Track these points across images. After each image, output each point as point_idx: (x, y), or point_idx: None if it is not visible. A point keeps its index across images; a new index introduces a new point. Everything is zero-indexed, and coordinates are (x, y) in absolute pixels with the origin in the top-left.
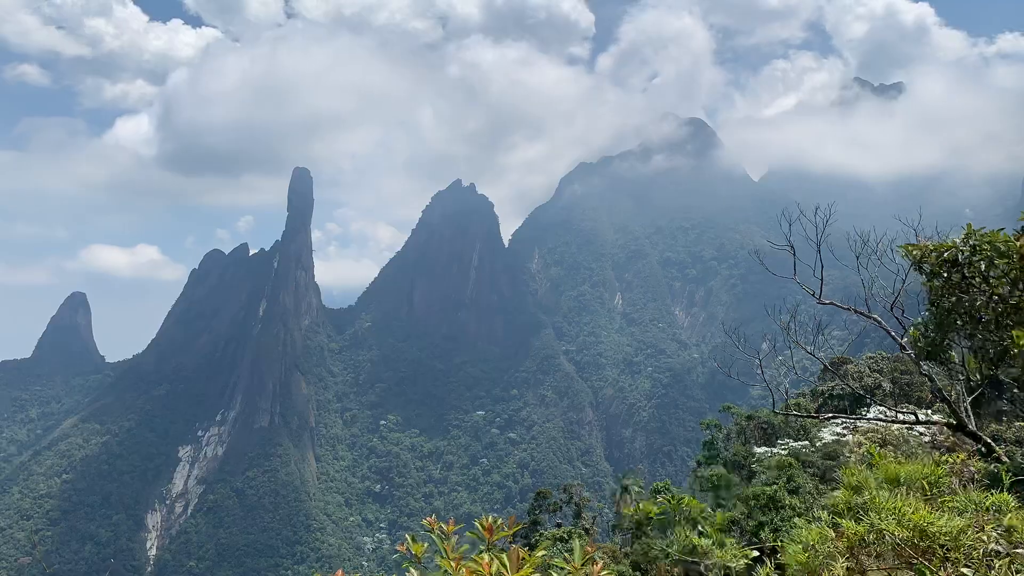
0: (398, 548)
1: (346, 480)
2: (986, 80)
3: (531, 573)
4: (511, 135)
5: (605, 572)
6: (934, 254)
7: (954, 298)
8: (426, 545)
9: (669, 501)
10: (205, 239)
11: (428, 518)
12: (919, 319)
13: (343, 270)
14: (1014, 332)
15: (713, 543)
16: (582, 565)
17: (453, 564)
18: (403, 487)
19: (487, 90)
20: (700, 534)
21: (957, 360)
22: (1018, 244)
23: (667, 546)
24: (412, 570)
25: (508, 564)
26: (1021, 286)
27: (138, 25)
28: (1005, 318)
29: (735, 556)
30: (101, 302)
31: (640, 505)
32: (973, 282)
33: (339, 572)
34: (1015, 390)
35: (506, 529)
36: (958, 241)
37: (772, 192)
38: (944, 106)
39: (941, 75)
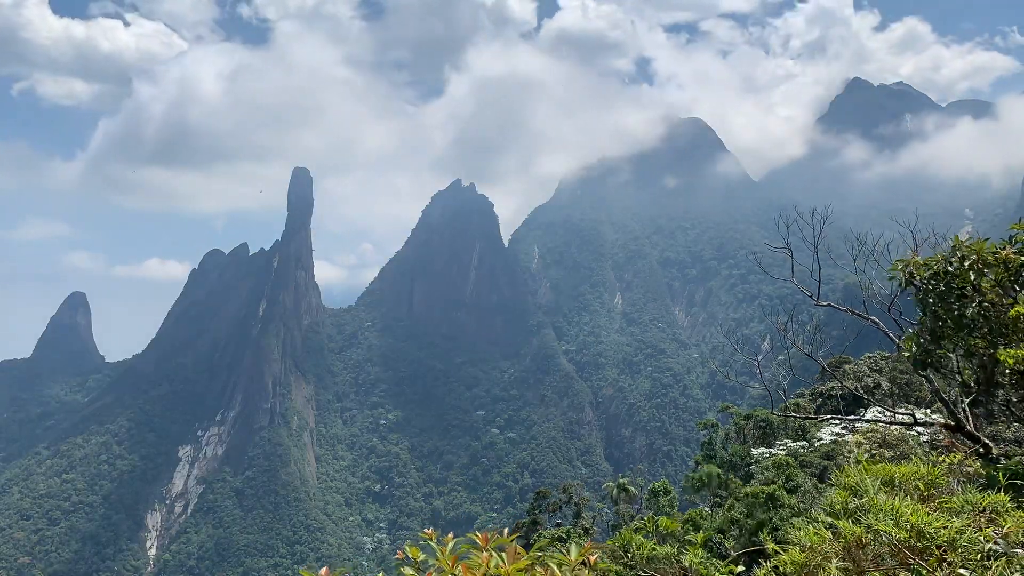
0: (397, 555)
1: (346, 480)
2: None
3: (528, 565)
4: (510, 134)
5: (602, 565)
6: (923, 268)
7: (945, 308)
8: (423, 556)
9: (646, 524)
10: (188, 239)
11: (426, 530)
12: (910, 329)
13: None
14: (1000, 354)
15: (677, 551)
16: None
17: (449, 563)
18: (403, 487)
19: (485, 89)
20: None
21: (953, 365)
22: (1003, 253)
23: (626, 551)
24: (407, 569)
25: (505, 558)
26: (1012, 293)
27: (54, 21)
28: (998, 325)
29: (720, 571)
30: (94, 302)
31: (621, 533)
32: (965, 292)
33: (324, 570)
34: (1011, 398)
35: (501, 537)
36: (946, 254)
37: (772, 192)
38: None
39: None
